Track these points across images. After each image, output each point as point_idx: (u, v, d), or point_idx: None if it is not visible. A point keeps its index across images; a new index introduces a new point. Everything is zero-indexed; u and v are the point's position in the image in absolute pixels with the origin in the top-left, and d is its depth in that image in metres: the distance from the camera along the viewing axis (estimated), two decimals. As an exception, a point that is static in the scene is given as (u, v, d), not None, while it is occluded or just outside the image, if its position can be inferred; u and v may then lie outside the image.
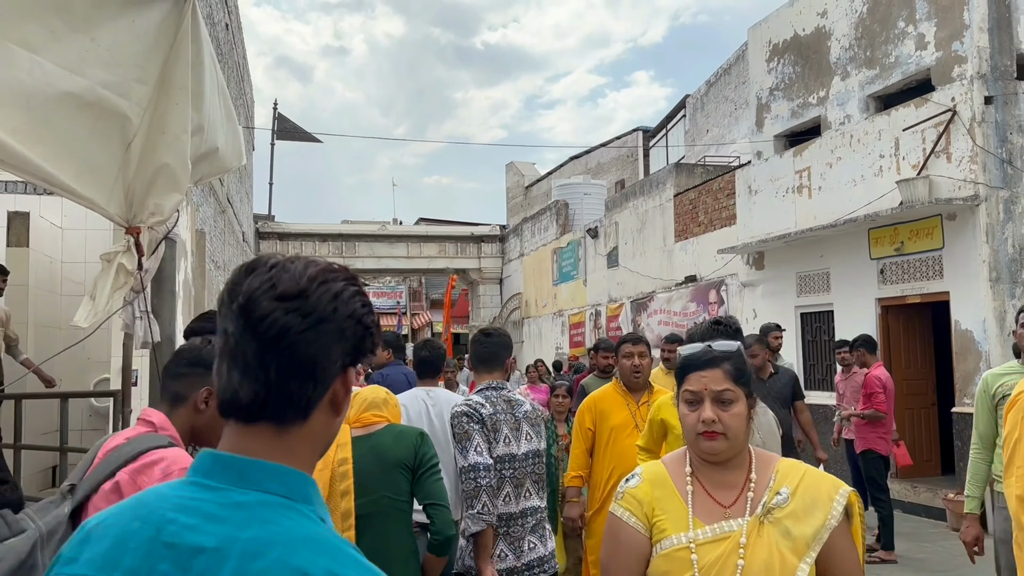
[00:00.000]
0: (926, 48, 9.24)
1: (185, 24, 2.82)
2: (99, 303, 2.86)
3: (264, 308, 1.02)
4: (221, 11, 15.01)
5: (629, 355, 4.53)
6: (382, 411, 3.44)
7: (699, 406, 1.85)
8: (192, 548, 0.96)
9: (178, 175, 2.91)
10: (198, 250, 10.29)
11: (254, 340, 1.02)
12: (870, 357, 7.60)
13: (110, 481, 1.89)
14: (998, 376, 4.13)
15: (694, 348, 1.95)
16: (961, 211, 8.69)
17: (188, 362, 2.18)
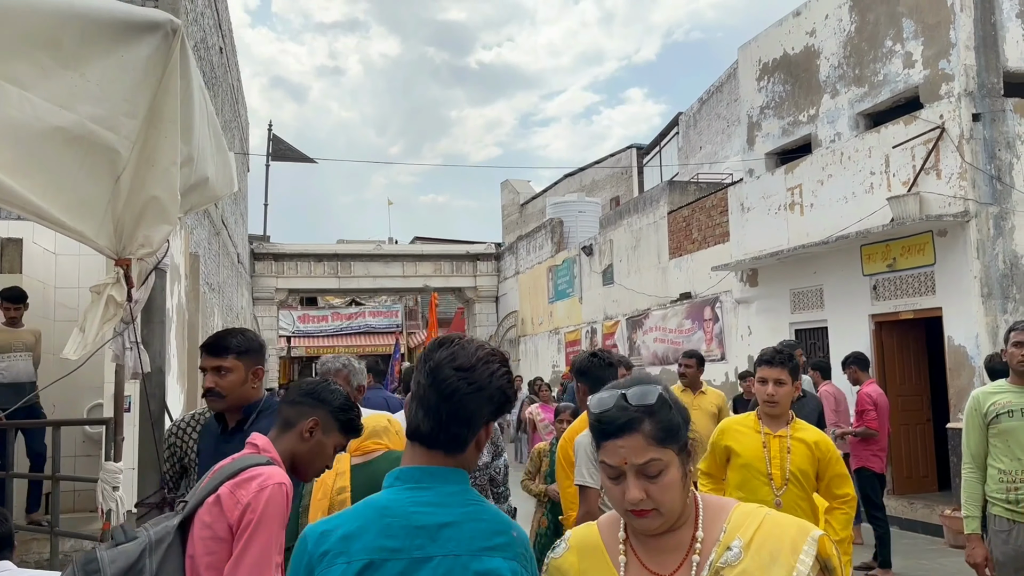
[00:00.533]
0: (914, 66, 9.33)
1: (174, 58, 2.85)
2: (88, 335, 2.88)
3: (445, 374, 1.56)
4: (215, 35, 15.10)
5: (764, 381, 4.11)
6: (382, 439, 3.43)
7: (622, 480, 1.49)
8: (437, 524, 1.52)
9: (167, 207, 2.93)
10: (192, 273, 10.30)
11: (435, 394, 1.56)
12: (862, 374, 7.62)
13: (213, 495, 2.10)
14: (989, 394, 4.14)
15: (604, 402, 1.52)
16: (952, 227, 8.74)
17: (304, 392, 2.44)
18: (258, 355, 3.09)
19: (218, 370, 2.96)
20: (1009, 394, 4.07)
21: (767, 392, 3.63)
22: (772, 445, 3.61)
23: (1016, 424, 3.99)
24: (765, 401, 3.66)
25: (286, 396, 2.50)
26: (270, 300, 24.07)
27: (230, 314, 17.46)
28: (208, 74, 14.29)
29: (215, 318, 13.28)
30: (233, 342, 3.03)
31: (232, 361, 2.96)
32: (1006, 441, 3.99)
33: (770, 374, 3.64)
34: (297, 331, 31.75)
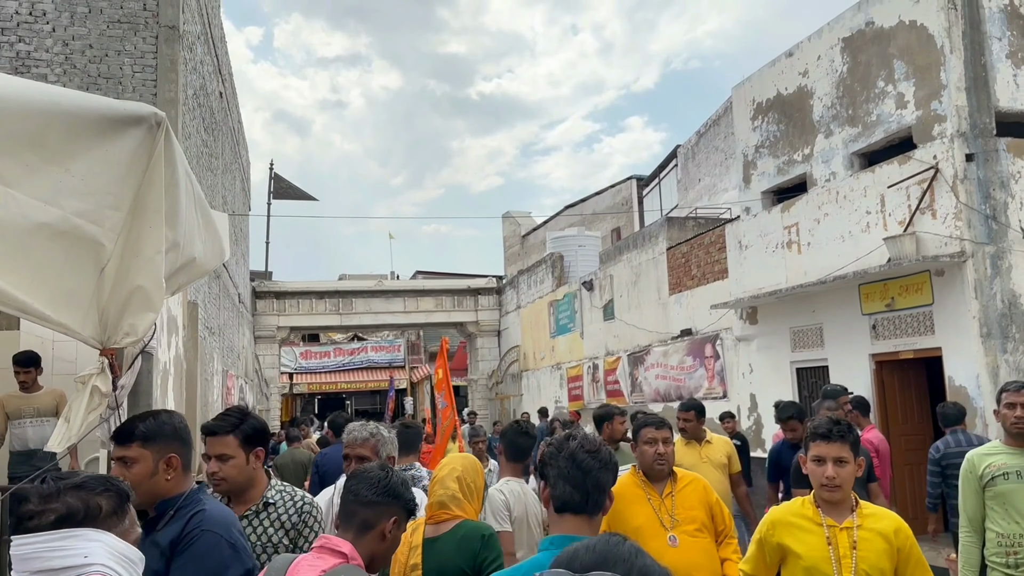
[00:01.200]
0: (906, 107, 9.38)
1: (158, 150, 2.87)
2: (73, 426, 2.87)
3: (581, 457, 2.18)
4: (215, 81, 15.26)
5: (652, 441, 3.78)
6: (451, 509, 3.27)
7: None
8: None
9: (152, 295, 2.94)
10: (191, 322, 10.32)
11: (578, 471, 2.15)
12: (863, 420, 7.57)
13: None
14: (984, 456, 4.10)
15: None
16: (949, 267, 8.74)
17: (380, 492, 2.33)
18: (171, 441, 2.68)
19: (123, 460, 2.63)
20: (1004, 456, 4.03)
21: (826, 475, 2.92)
22: (839, 541, 2.90)
23: (1013, 487, 3.94)
24: (824, 485, 2.93)
25: (357, 494, 2.34)
26: (272, 338, 24.08)
27: (231, 355, 17.47)
28: (208, 119, 14.43)
29: (215, 362, 13.28)
30: (139, 427, 2.68)
31: (136, 450, 2.62)
32: (1003, 504, 3.95)
33: (829, 451, 2.93)
34: (299, 367, 31.71)
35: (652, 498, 3.71)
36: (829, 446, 2.93)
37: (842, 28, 10.37)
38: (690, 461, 5.69)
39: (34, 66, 10.33)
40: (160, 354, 8.16)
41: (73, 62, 10.48)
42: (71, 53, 10.43)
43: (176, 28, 10.90)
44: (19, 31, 10.27)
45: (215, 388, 13.24)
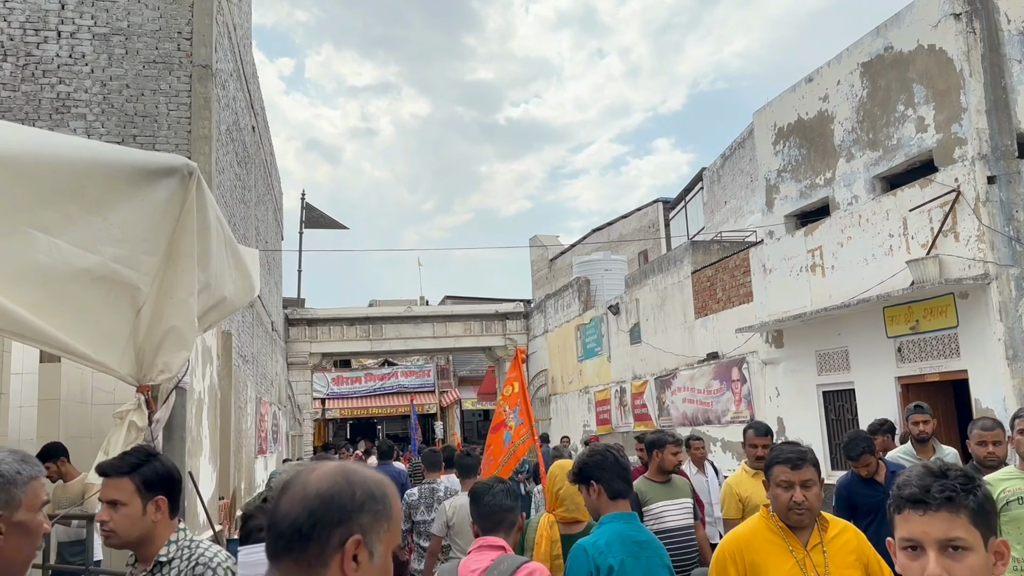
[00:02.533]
0: (927, 131, 9.42)
1: (190, 198, 3.07)
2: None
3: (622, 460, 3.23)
4: (247, 116, 15.67)
5: (787, 484, 2.94)
6: (577, 513, 3.97)
7: None
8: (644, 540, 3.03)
9: (185, 334, 3.13)
10: (225, 352, 10.57)
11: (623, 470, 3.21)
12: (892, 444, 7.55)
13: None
14: (999, 481, 4.12)
15: None
16: (973, 290, 8.73)
17: (513, 498, 3.15)
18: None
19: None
20: (1018, 480, 4.06)
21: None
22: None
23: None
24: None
25: (502, 502, 3.12)
26: (304, 364, 24.41)
27: (264, 382, 17.76)
28: (241, 153, 14.81)
29: (248, 390, 13.53)
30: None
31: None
32: (1018, 528, 3.97)
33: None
34: (331, 393, 32.02)
35: (795, 550, 2.97)
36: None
37: (861, 53, 10.45)
38: (761, 496, 4.67)
39: (74, 106, 10.74)
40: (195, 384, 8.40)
41: (111, 102, 10.87)
42: (109, 93, 10.82)
43: (209, 67, 11.27)
44: (59, 73, 10.69)
45: (249, 416, 13.48)
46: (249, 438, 13.45)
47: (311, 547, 1.25)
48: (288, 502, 1.29)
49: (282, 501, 1.31)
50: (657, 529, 5.01)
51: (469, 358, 32.46)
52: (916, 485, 1.64)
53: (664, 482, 5.26)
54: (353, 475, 1.31)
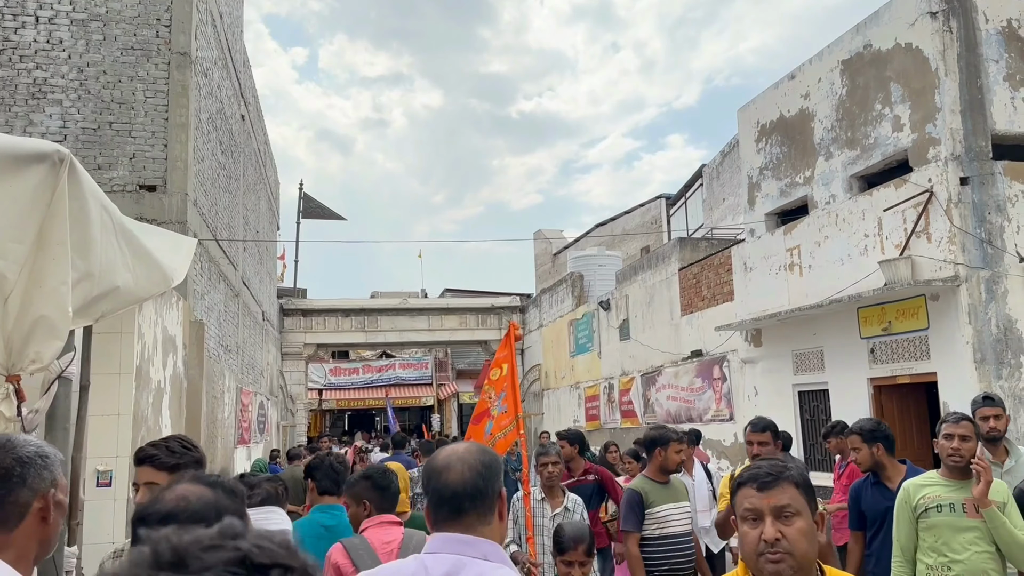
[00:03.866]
0: (902, 130, 9.29)
1: (61, 185, 3.02)
2: (-22, 448, 3.02)
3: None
4: (234, 105, 15.65)
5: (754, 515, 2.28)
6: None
7: None
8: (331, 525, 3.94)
9: (56, 324, 3.07)
10: (195, 341, 10.55)
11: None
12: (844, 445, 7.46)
13: None
14: (919, 487, 4.02)
15: None
16: (943, 292, 8.61)
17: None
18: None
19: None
20: (939, 487, 3.97)
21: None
22: None
23: (944, 519, 3.88)
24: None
25: (393, 487, 3.54)
26: (299, 355, 24.44)
27: (252, 372, 17.78)
28: (227, 142, 14.79)
29: (226, 379, 13.53)
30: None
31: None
32: (935, 536, 3.89)
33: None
34: (328, 383, 32.09)
35: None
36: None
37: (842, 50, 10.31)
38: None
39: (50, 92, 10.73)
40: (152, 373, 8.38)
41: (88, 88, 10.85)
42: (85, 79, 10.80)
43: (188, 55, 11.23)
44: (36, 58, 10.68)
45: (227, 405, 13.48)
46: (227, 428, 13.45)
47: (486, 501, 1.84)
48: (459, 474, 1.86)
49: (451, 476, 1.85)
50: (661, 534, 4.76)
51: (467, 351, 32.44)
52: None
53: (665, 483, 4.92)
54: (486, 449, 1.99)
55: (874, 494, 4.64)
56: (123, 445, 7.18)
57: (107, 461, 6.95)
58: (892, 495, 4.46)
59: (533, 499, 5.28)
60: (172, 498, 1.77)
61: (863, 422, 4.84)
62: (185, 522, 1.09)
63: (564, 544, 3.59)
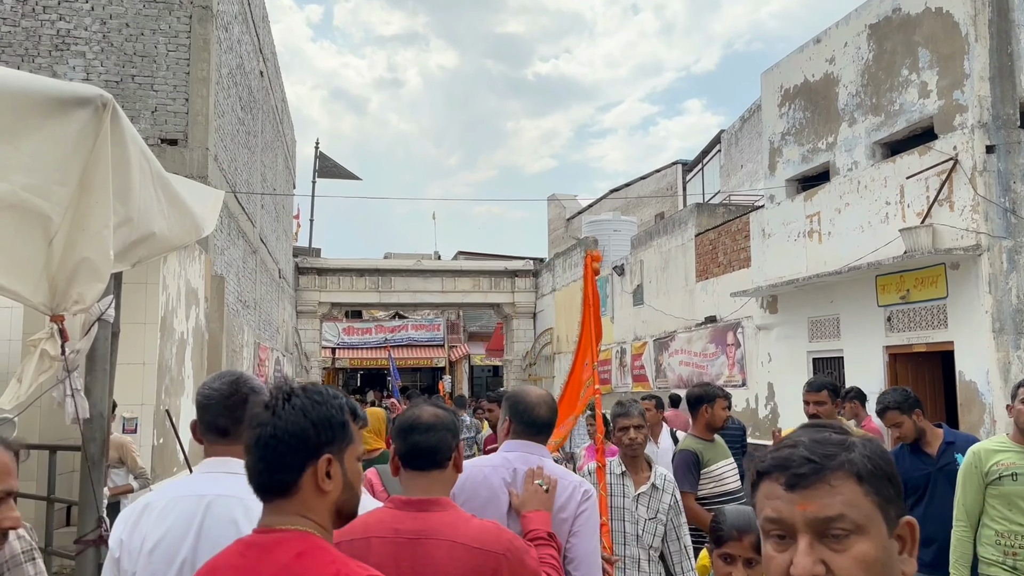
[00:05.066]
0: (929, 96, 9.19)
1: (104, 130, 3.06)
2: (24, 386, 3.10)
3: None
4: (254, 60, 15.59)
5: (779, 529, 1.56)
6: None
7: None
8: None
9: (99, 267, 3.14)
10: (216, 295, 10.65)
11: None
12: (861, 410, 7.51)
13: None
14: (991, 452, 3.89)
15: None
16: (964, 261, 8.58)
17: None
18: None
19: None
20: (1013, 454, 3.84)
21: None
22: None
23: (1020, 488, 3.78)
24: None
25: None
26: (313, 313, 24.61)
27: (268, 328, 17.94)
28: (246, 98, 14.77)
29: (245, 334, 13.68)
30: None
31: None
32: (1007, 504, 3.81)
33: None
34: (342, 343, 32.32)
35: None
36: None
37: (869, 14, 10.17)
38: None
39: (73, 44, 10.73)
40: (176, 324, 8.49)
41: (110, 40, 10.84)
42: (108, 32, 10.79)
43: (209, 8, 11.18)
44: (60, 9, 10.67)
45: (245, 360, 13.64)
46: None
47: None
48: (544, 409, 2.75)
49: (539, 410, 2.73)
50: (720, 492, 4.67)
51: (479, 314, 32.56)
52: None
53: (712, 441, 4.80)
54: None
55: (913, 461, 4.50)
56: (148, 393, 7.31)
57: (133, 408, 7.09)
58: (932, 461, 4.42)
59: (610, 473, 4.12)
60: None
61: (891, 395, 4.62)
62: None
63: (723, 533, 2.73)
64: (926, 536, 4.40)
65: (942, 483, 4.40)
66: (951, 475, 4.42)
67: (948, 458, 4.46)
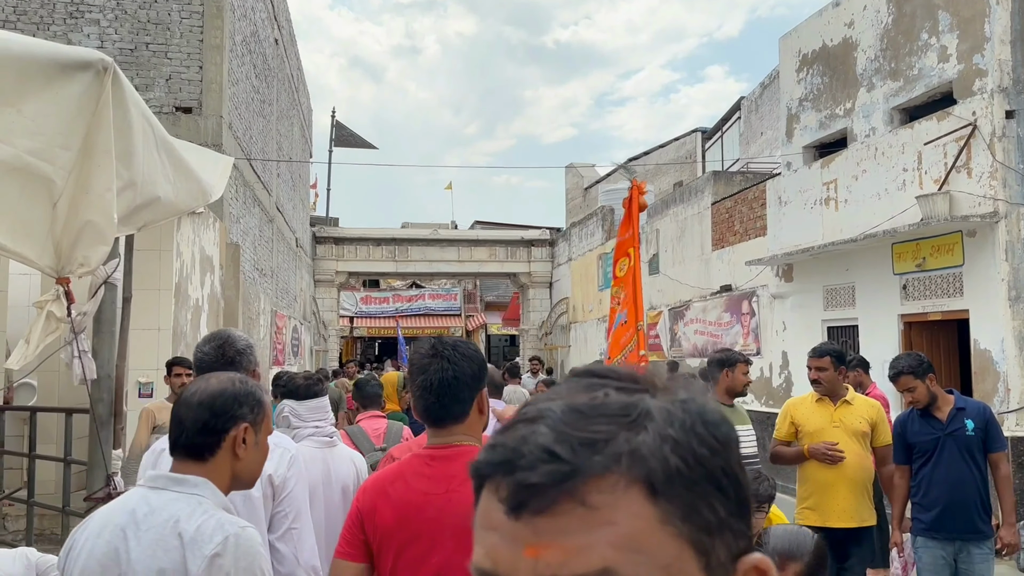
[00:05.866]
0: (948, 61, 9.03)
1: (106, 93, 3.08)
2: (31, 347, 3.16)
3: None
4: (268, 28, 15.55)
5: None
6: None
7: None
8: None
9: (103, 230, 3.18)
10: (232, 262, 10.73)
11: None
12: (865, 378, 7.49)
13: None
14: None
15: None
16: (980, 228, 8.48)
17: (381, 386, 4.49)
18: None
19: None
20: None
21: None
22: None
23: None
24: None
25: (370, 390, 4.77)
26: (330, 282, 24.75)
27: (286, 296, 18.08)
28: (260, 66, 14.75)
29: (261, 302, 13.79)
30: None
31: None
32: None
33: None
34: (360, 312, 32.52)
35: None
36: None
37: (890, -24, 9.96)
38: (817, 424, 4.65)
39: (87, 12, 10.75)
40: (191, 291, 8.57)
41: (124, 7, 10.85)
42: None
43: (222, -25, 11.14)
44: (73, -23, 10.67)
45: (262, 327, 13.77)
46: (262, 349, 13.76)
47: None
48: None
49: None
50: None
51: (496, 284, 32.61)
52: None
53: (731, 406, 4.84)
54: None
55: (923, 425, 4.54)
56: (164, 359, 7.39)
57: (148, 373, 7.19)
58: (942, 425, 4.48)
59: None
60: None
61: (905, 359, 4.71)
62: None
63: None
64: (931, 499, 4.44)
65: (950, 447, 4.45)
66: (960, 440, 4.46)
67: (958, 423, 4.51)
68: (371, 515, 2.07)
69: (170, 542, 1.76)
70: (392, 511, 2.06)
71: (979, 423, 4.48)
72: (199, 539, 1.76)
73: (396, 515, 2.06)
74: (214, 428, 1.91)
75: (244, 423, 1.93)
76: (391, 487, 2.15)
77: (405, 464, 2.18)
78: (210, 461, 1.90)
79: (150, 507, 1.81)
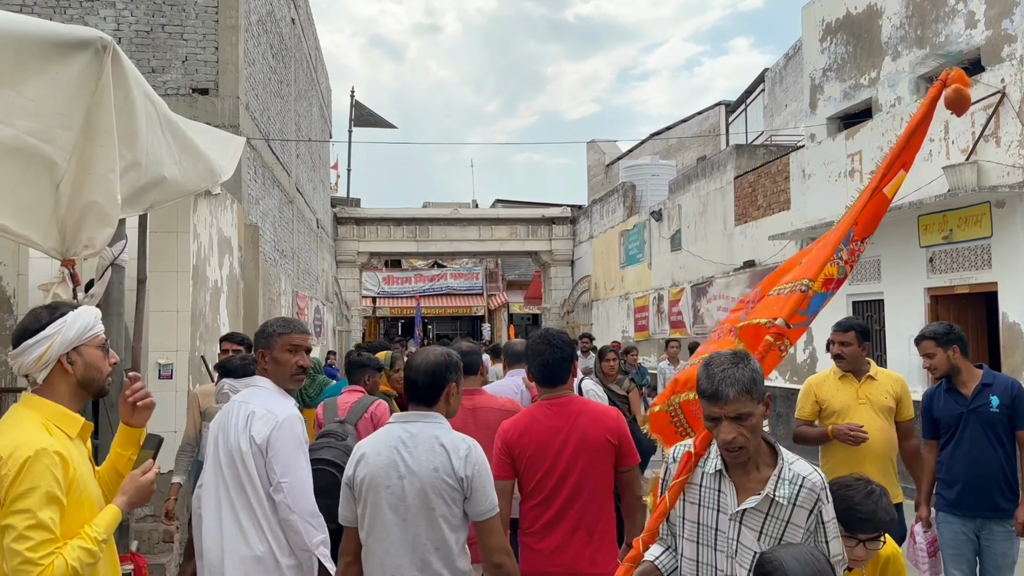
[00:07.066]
0: (976, 27, 8.77)
1: (105, 73, 3.03)
2: (38, 329, 3.15)
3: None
4: (285, 7, 15.48)
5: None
6: None
7: None
8: None
9: (107, 211, 3.15)
10: (251, 244, 10.75)
11: None
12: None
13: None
14: None
15: None
16: (1010, 198, 8.27)
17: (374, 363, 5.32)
18: None
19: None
20: None
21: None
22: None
23: None
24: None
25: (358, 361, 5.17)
26: (352, 263, 24.81)
27: (308, 277, 18.14)
28: (277, 46, 14.71)
29: (282, 283, 13.83)
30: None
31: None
32: None
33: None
34: (382, 292, 32.62)
35: None
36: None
37: (916, -59, 9.68)
38: (843, 401, 4.53)
39: (103, -7, 10.74)
40: (209, 272, 8.59)
41: (139, -11, 10.83)
42: (137, -19, 10.78)
43: (237, -46, 11.08)
44: (88, -40, 10.66)
45: (283, 308, 13.82)
46: (284, 330, 13.80)
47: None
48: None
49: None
50: None
51: (517, 262, 32.52)
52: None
53: None
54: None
55: (947, 400, 4.44)
56: (182, 340, 7.43)
57: (167, 355, 7.22)
58: (966, 401, 4.35)
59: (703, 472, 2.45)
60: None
61: (934, 326, 4.56)
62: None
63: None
64: (952, 476, 4.32)
65: (973, 424, 4.32)
66: (983, 416, 4.33)
67: (983, 399, 4.37)
68: (516, 446, 3.21)
69: (437, 449, 2.68)
70: (533, 441, 3.21)
71: (1006, 399, 4.33)
72: (455, 446, 2.70)
73: (537, 443, 3.21)
74: (437, 386, 2.84)
75: (452, 383, 2.87)
76: (529, 426, 3.24)
77: (535, 409, 3.33)
78: (434, 405, 2.83)
79: (410, 433, 2.73)
